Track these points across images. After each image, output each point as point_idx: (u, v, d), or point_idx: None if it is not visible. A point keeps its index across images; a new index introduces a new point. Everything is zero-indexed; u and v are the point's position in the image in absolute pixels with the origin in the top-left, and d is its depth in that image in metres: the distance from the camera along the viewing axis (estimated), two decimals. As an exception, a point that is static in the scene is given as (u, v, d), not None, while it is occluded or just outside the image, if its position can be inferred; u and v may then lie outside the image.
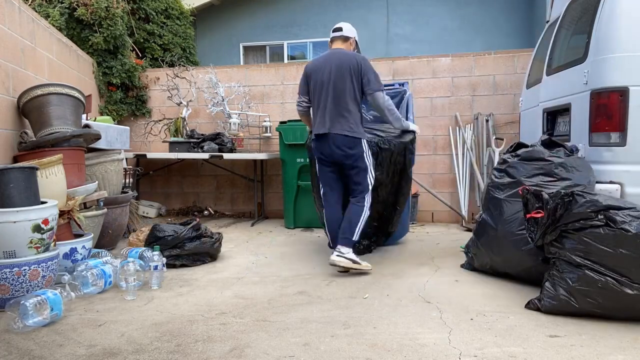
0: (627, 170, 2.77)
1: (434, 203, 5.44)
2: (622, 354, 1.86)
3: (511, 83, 5.32)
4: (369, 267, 3.13)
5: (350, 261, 3.06)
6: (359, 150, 3.15)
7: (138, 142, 5.99)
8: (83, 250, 3.05)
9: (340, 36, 3.28)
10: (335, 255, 3.07)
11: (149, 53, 6.46)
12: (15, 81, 3.58)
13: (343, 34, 3.28)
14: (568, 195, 2.28)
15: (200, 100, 5.96)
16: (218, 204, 6.13)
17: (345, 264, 3.05)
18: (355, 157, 3.15)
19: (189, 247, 3.37)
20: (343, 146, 3.14)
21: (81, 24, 5.26)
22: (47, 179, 2.95)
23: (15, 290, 2.41)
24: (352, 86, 3.13)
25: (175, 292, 2.77)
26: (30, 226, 2.47)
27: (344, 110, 3.12)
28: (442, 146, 5.50)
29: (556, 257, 2.33)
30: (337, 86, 3.14)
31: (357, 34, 3.39)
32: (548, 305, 2.30)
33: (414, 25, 9.28)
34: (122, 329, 2.17)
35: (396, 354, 1.88)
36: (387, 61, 5.63)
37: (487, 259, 2.97)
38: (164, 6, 6.67)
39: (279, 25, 9.63)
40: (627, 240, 2.10)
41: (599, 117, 2.84)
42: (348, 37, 3.28)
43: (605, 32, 2.83)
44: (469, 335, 2.06)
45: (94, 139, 3.74)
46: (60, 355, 1.91)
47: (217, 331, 2.14)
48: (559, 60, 3.48)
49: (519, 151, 2.97)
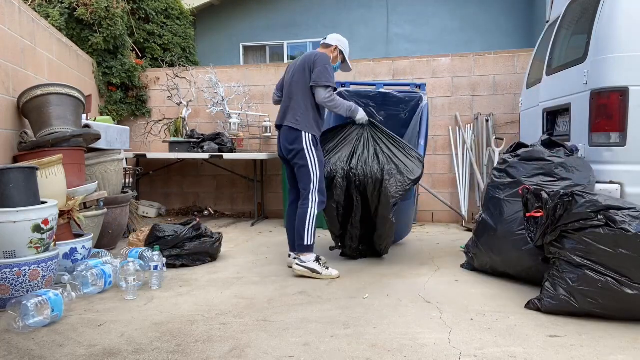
0: (627, 170, 2.77)
1: (434, 203, 5.44)
2: (622, 354, 1.86)
3: (511, 83, 5.32)
4: (333, 275, 3.02)
5: (308, 270, 3.02)
6: (299, 145, 3.08)
7: (138, 142, 5.99)
8: (83, 250, 3.05)
9: (322, 43, 3.36)
10: (295, 263, 3.08)
11: (149, 53, 6.46)
12: (15, 81, 3.58)
13: (325, 41, 3.35)
14: (568, 196, 2.28)
15: (200, 100, 5.96)
16: (218, 204, 6.13)
17: (302, 272, 3.03)
18: (294, 152, 3.11)
19: (189, 247, 3.37)
20: (285, 141, 3.17)
21: (81, 24, 5.26)
22: (47, 179, 2.95)
23: (15, 290, 2.41)
24: (304, 80, 3.15)
25: (175, 292, 2.77)
26: (30, 226, 2.47)
27: (293, 103, 3.16)
28: (442, 146, 5.50)
29: (556, 257, 2.33)
30: (294, 80, 3.20)
31: (345, 45, 3.36)
32: (548, 305, 2.30)
33: (414, 25, 9.27)
34: (122, 329, 2.17)
35: (396, 354, 1.88)
36: (387, 61, 5.63)
37: (487, 259, 2.97)
38: (164, 6, 6.67)
39: (279, 25, 9.63)
40: (627, 240, 2.10)
41: (599, 117, 2.84)
42: (329, 44, 3.32)
43: (605, 32, 2.83)
44: (469, 335, 2.06)
45: (94, 139, 3.74)
46: (61, 355, 1.91)
47: (217, 331, 2.14)
48: (559, 60, 3.48)
49: (519, 151, 2.97)
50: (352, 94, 3.92)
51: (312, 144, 3.11)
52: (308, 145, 3.09)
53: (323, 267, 3.05)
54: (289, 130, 3.13)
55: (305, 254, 3.06)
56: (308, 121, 3.13)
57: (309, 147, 3.09)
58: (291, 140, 3.12)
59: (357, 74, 5.66)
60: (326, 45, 3.34)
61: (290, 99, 3.20)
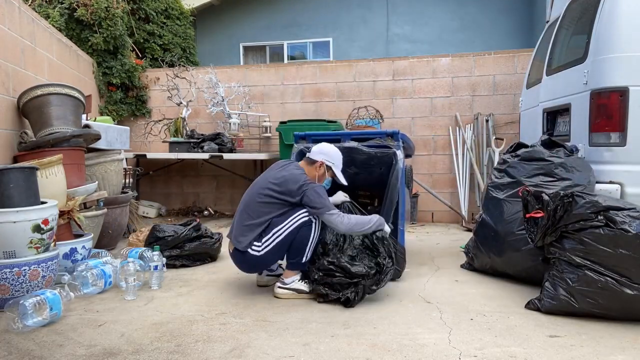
0: (627, 170, 2.77)
1: (434, 203, 5.44)
2: (622, 354, 1.86)
3: (511, 83, 5.32)
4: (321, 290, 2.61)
5: (294, 292, 2.65)
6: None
7: (138, 142, 5.98)
8: (83, 251, 3.05)
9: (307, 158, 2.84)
10: (277, 286, 2.70)
11: (149, 53, 6.46)
12: (15, 81, 3.58)
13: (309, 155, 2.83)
14: (568, 197, 2.28)
15: (200, 100, 5.96)
16: (218, 204, 6.13)
17: (286, 296, 2.65)
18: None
19: (189, 247, 3.37)
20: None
21: (81, 24, 5.26)
22: (47, 179, 2.95)
23: (15, 290, 2.41)
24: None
25: (175, 292, 2.77)
26: (30, 226, 2.47)
27: None
28: (442, 146, 5.50)
29: (556, 258, 2.33)
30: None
31: (335, 157, 2.83)
32: (548, 305, 2.30)
33: (414, 25, 9.28)
34: (122, 329, 2.17)
35: (396, 354, 1.88)
36: (387, 61, 5.63)
37: (487, 259, 2.96)
38: (164, 6, 6.67)
39: (279, 25, 9.64)
40: (626, 240, 2.10)
41: (599, 117, 2.84)
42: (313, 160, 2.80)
43: (605, 32, 2.83)
44: (469, 335, 2.06)
45: (94, 139, 3.74)
46: (60, 355, 1.91)
47: (217, 331, 2.14)
48: (559, 60, 3.48)
49: (519, 151, 2.97)
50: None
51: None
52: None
53: (309, 284, 2.66)
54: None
55: (289, 272, 2.67)
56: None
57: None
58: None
59: (357, 74, 5.67)
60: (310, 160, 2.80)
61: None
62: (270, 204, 2.60)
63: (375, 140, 3.19)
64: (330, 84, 5.74)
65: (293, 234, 2.57)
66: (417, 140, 5.49)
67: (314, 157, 2.79)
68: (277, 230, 2.57)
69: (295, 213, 2.59)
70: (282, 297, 2.63)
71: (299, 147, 3.26)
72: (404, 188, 3.21)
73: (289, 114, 5.78)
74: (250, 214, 2.61)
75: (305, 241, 2.60)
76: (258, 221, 2.59)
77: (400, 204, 3.12)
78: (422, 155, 5.49)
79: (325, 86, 5.75)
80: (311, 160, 2.79)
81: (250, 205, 2.65)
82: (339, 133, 3.44)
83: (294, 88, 5.83)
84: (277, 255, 2.64)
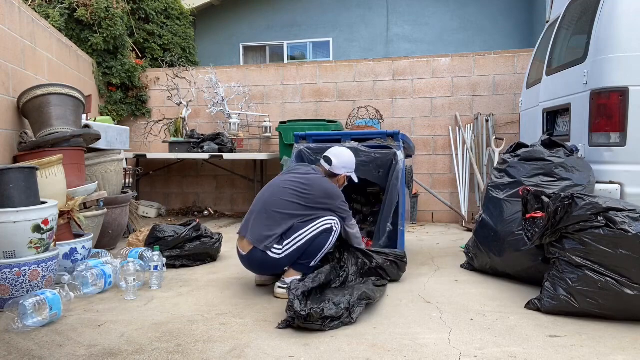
0: (627, 170, 2.77)
1: (434, 203, 5.44)
2: (622, 354, 1.86)
3: (511, 83, 5.32)
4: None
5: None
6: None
7: (138, 142, 5.99)
8: (83, 251, 3.05)
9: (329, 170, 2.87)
10: (277, 285, 2.69)
11: (149, 53, 6.46)
12: (15, 81, 3.58)
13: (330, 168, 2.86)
14: (568, 198, 2.28)
15: (200, 100, 5.96)
16: (218, 204, 6.13)
17: (286, 296, 2.54)
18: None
19: (189, 247, 3.36)
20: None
21: (81, 24, 5.27)
22: (47, 179, 2.95)
23: (15, 290, 2.41)
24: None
25: (175, 292, 2.77)
26: (30, 226, 2.47)
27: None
28: (442, 146, 5.50)
29: (556, 258, 2.33)
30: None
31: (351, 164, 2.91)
32: (548, 305, 2.30)
33: (414, 25, 9.28)
34: (122, 329, 2.17)
35: (396, 354, 1.88)
36: (387, 61, 5.64)
37: (487, 259, 2.96)
38: (164, 6, 6.67)
39: (279, 25, 9.64)
40: (626, 240, 2.10)
41: (599, 117, 2.84)
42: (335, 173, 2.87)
43: (605, 32, 2.83)
44: (469, 335, 2.06)
45: (94, 139, 3.74)
46: (60, 355, 1.91)
47: (217, 331, 2.14)
48: (559, 61, 3.48)
49: (519, 151, 2.97)
50: (315, 150, 3.23)
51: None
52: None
53: None
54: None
55: (291, 272, 2.65)
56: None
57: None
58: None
59: (357, 74, 5.67)
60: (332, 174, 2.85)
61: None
62: (297, 209, 2.63)
63: (375, 140, 3.20)
64: (330, 84, 5.74)
65: (312, 239, 2.60)
66: (417, 140, 5.49)
67: (337, 172, 2.85)
68: (298, 235, 2.59)
69: (319, 220, 2.64)
70: (282, 297, 2.61)
71: (299, 147, 3.27)
72: (404, 188, 3.22)
73: (289, 114, 5.78)
74: (273, 216, 2.63)
75: (321, 247, 2.63)
76: (281, 224, 2.60)
77: (400, 204, 3.13)
78: (422, 155, 5.49)
79: (325, 86, 5.76)
80: (333, 173, 2.84)
81: (272, 205, 2.65)
82: (340, 133, 3.45)
83: (294, 88, 5.83)
84: (293, 259, 2.65)
